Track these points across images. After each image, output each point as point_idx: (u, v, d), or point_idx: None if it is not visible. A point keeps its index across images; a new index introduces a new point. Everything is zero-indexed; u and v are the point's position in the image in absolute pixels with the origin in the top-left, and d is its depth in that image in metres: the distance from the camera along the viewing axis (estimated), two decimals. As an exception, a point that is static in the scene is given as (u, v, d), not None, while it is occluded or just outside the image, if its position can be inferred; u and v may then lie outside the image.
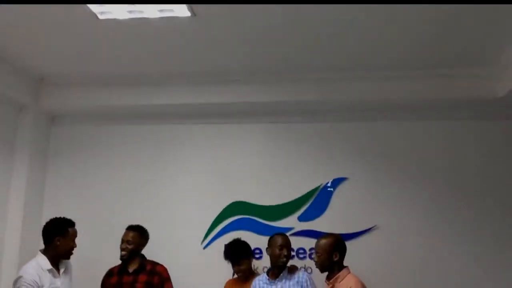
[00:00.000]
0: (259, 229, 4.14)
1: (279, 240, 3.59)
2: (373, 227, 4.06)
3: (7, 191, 4.14)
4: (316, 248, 3.31)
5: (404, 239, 4.03)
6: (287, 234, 4.02)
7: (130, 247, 3.67)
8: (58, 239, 3.40)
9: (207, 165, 4.36)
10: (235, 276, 3.80)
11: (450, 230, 4.02)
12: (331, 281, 3.22)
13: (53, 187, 4.44)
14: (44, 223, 3.60)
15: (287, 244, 3.59)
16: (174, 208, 4.29)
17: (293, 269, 3.63)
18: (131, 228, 3.76)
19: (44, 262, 3.34)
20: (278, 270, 3.57)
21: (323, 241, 3.27)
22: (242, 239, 4.08)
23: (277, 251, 3.56)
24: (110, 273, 3.76)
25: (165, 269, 3.71)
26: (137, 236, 3.70)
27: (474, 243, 3.97)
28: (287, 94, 4.05)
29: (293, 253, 4.03)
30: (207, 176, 4.34)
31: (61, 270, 3.43)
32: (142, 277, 3.61)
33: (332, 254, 3.21)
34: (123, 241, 3.70)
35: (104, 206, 4.37)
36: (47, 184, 4.45)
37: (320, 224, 4.12)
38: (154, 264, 3.71)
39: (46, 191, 4.43)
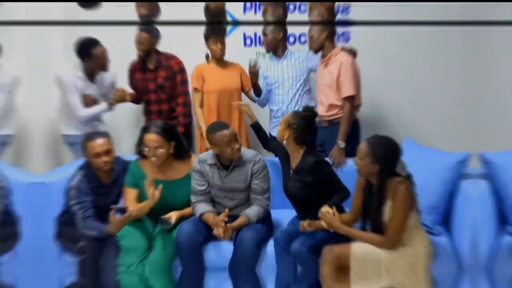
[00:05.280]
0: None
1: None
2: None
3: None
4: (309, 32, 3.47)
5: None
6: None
7: (143, 48, 3.76)
8: (87, 60, 3.63)
9: None
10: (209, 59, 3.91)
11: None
12: (325, 59, 3.39)
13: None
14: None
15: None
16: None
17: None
18: (140, 29, 3.75)
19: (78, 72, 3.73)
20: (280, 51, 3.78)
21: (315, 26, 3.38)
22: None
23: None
24: (133, 69, 3.92)
25: (178, 62, 3.85)
26: (148, 37, 3.73)
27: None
28: None
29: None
30: None
31: (98, 78, 3.80)
32: (161, 73, 3.82)
33: (322, 31, 3.30)
34: (136, 43, 3.78)
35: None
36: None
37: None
38: (168, 58, 3.84)
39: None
